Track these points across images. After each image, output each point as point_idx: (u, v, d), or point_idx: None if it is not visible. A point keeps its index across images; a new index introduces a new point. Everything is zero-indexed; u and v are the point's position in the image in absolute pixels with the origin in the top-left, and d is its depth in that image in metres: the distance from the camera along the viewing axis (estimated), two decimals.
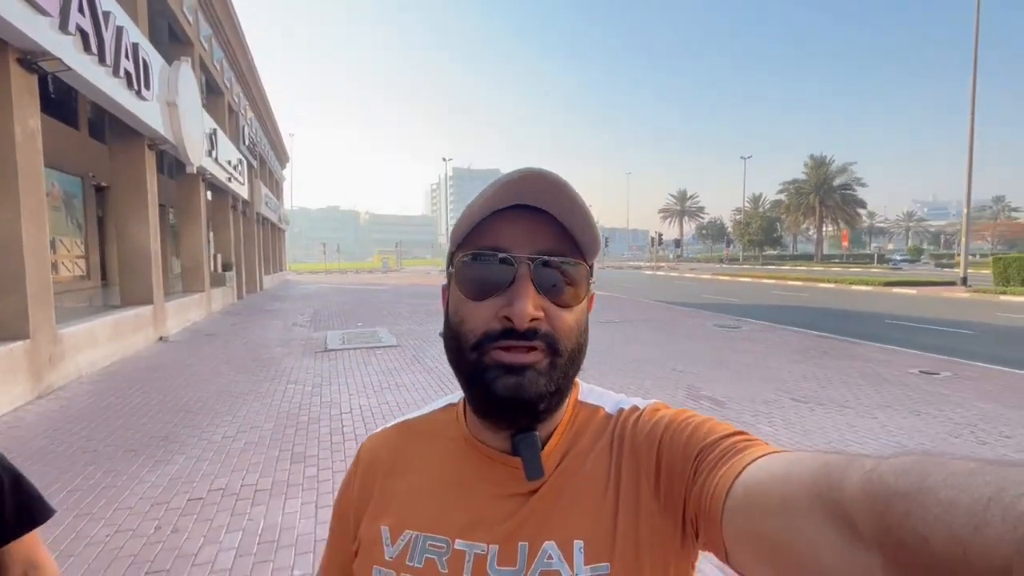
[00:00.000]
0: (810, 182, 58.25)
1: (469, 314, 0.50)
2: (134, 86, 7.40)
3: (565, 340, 0.50)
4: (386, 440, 0.62)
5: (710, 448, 0.46)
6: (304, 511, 3.08)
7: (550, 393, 0.49)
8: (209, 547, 2.68)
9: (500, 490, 0.52)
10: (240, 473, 3.60)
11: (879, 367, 7.08)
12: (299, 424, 4.66)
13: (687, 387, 5.97)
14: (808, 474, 0.35)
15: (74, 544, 2.68)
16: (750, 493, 0.39)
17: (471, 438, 0.56)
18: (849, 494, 0.31)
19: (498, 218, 0.50)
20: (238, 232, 17.43)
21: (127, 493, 3.27)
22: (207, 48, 13.54)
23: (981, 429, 4.56)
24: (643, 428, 0.53)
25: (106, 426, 4.57)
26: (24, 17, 4.86)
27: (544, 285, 0.49)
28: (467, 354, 0.50)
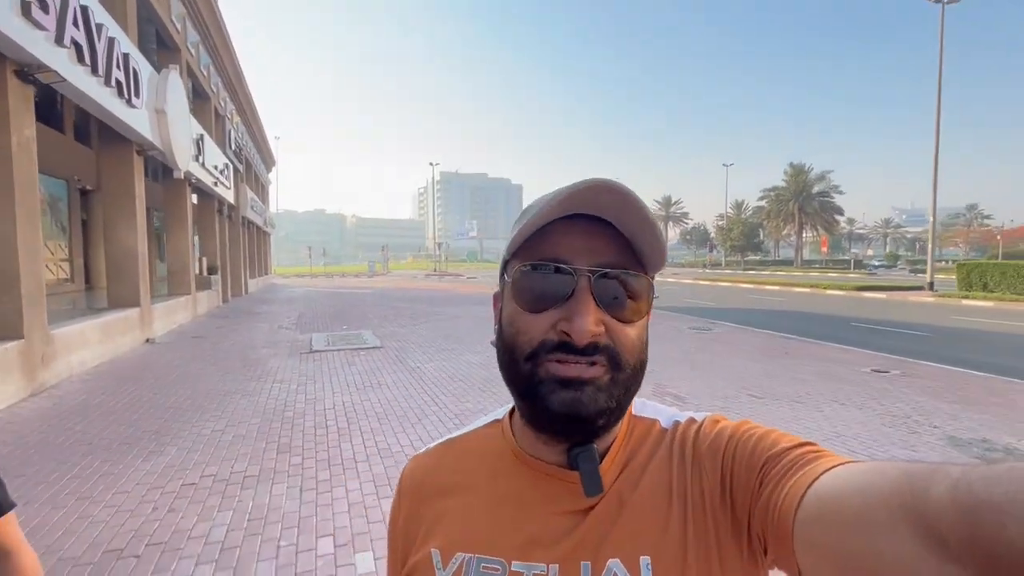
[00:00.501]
0: (789, 189, 59.78)
1: (525, 326, 0.49)
2: (124, 95, 7.62)
3: (627, 355, 0.48)
4: (430, 461, 0.61)
5: (776, 459, 0.44)
6: (289, 494, 3.38)
7: (610, 409, 0.47)
8: (203, 524, 2.97)
9: (556, 507, 0.50)
10: (229, 462, 3.88)
11: (835, 366, 7.55)
12: (284, 419, 4.94)
13: (654, 384, 6.35)
14: (888, 485, 0.32)
15: (78, 523, 2.95)
16: (824, 506, 0.37)
17: (522, 453, 0.54)
18: (936, 505, 0.29)
19: (558, 228, 0.49)
20: (223, 236, 17.54)
21: (124, 479, 3.54)
22: (194, 54, 13.72)
23: (914, 420, 5.00)
24: (704, 440, 0.51)
25: (100, 421, 4.81)
26: (22, 32, 5.10)
27: (605, 299, 0.47)
28: (521, 365, 0.48)
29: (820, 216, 57.89)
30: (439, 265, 50.93)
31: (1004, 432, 4.64)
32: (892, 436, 4.56)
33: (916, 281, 26.45)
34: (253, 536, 2.85)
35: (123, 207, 8.76)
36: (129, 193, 8.80)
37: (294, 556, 2.66)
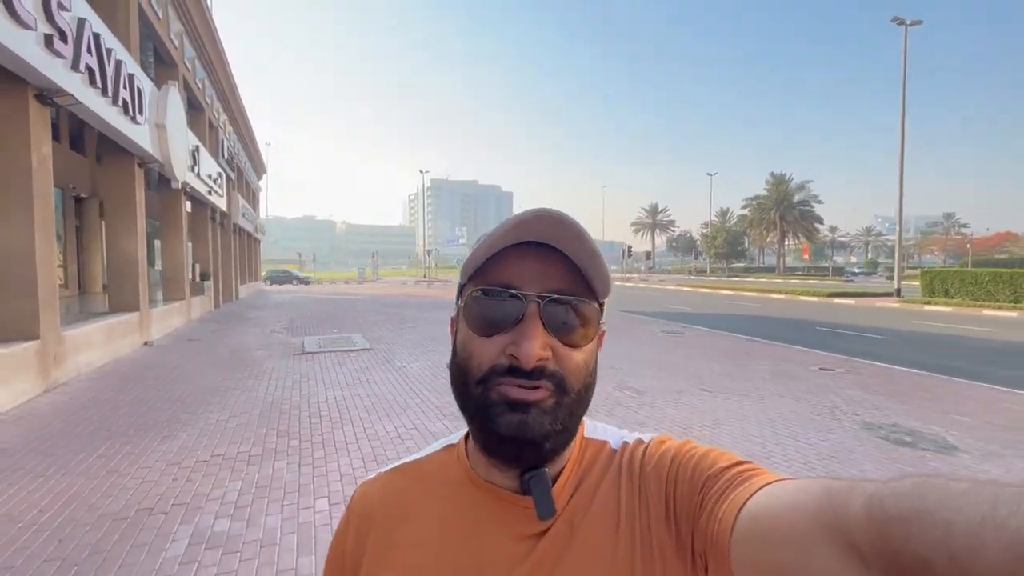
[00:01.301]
0: (771, 198, 61.36)
1: (476, 349, 0.50)
2: (130, 112, 8.15)
3: (573, 379, 0.49)
4: (381, 486, 0.60)
5: (715, 478, 0.46)
6: (289, 468, 3.94)
7: (556, 432, 0.48)
8: (217, 489, 3.53)
9: (510, 532, 0.51)
10: (235, 444, 4.43)
11: (788, 365, 8.25)
12: (282, 410, 5.49)
13: (618, 382, 6.97)
14: (812, 502, 0.34)
15: (112, 488, 3.50)
16: (756, 524, 0.38)
17: (477, 478, 0.54)
18: (853, 521, 0.31)
19: (510, 254, 0.50)
20: (216, 242, 17.95)
21: (144, 458, 4.08)
22: (190, 68, 14.24)
23: (840, 410, 5.68)
24: (649, 461, 0.52)
25: (114, 413, 5.32)
26: (43, 60, 5.65)
27: (553, 324, 0.48)
28: (472, 388, 0.49)
29: (801, 224, 59.51)
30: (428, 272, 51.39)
31: (913, 419, 5.33)
32: (817, 422, 5.23)
33: (887, 288, 27.48)
34: (260, 498, 3.41)
35: (124, 216, 9.25)
36: (130, 203, 9.30)
37: (296, 512, 3.23)
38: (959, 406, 5.84)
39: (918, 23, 20.81)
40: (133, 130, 8.51)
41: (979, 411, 5.64)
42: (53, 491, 3.47)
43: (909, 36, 20.81)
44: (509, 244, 0.50)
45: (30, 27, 5.22)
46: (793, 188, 60.55)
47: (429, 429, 4.87)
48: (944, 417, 5.41)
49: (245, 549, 2.80)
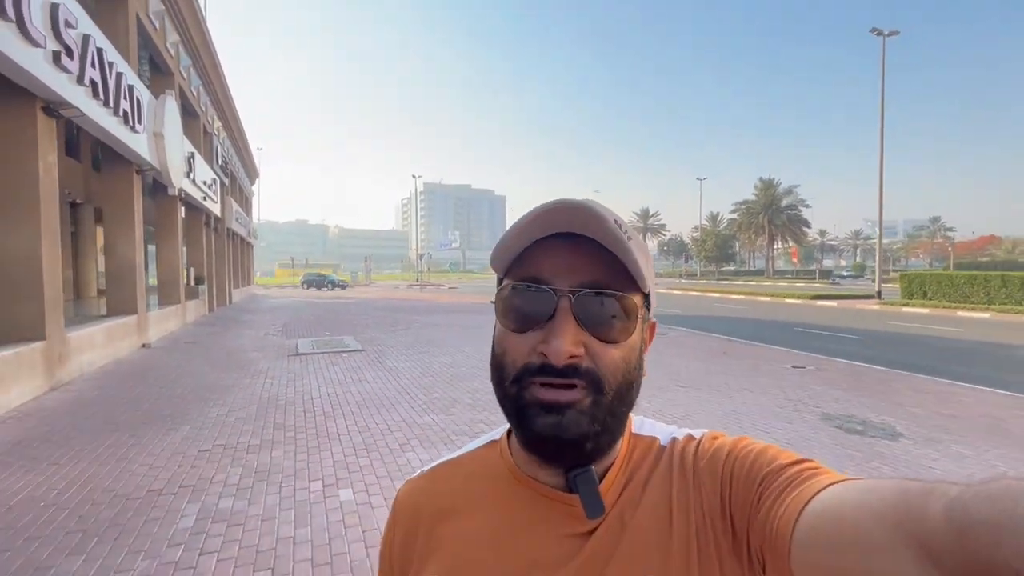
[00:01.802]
0: (759, 202, 62.33)
1: (510, 346, 0.49)
2: (129, 122, 8.46)
3: (610, 377, 0.47)
4: (426, 484, 0.59)
5: (775, 475, 0.44)
6: (286, 455, 4.26)
7: (595, 433, 0.47)
8: (220, 474, 3.85)
9: (558, 530, 0.49)
10: (235, 435, 4.75)
11: (762, 363, 8.66)
12: (278, 405, 5.80)
13: None
14: (885, 503, 0.33)
15: (123, 474, 3.81)
16: (821, 524, 0.37)
17: (522, 475, 0.53)
18: (931, 524, 0.29)
19: (542, 246, 0.48)
20: (210, 247, 18.19)
21: (151, 447, 4.39)
22: (186, 76, 14.53)
23: (802, 403, 6.08)
24: (703, 456, 0.50)
25: (118, 408, 5.61)
26: (50, 75, 5.96)
27: (587, 318, 0.47)
28: (508, 387, 0.49)
29: (788, 228, 60.46)
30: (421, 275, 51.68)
31: (869, 411, 5.74)
32: (779, 414, 5.62)
33: (871, 290, 28.12)
34: (260, 481, 3.74)
35: (123, 222, 9.53)
36: (128, 209, 9.58)
37: (293, 492, 3.57)
38: (914, 399, 6.26)
39: (895, 33, 21.48)
40: (132, 139, 8.81)
41: (932, 403, 6.06)
42: (68, 476, 3.77)
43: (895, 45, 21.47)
44: (539, 236, 0.48)
45: (40, 45, 5.54)
46: (781, 192, 61.60)
47: (417, 422, 5.21)
48: (898, 409, 5.82)
49: (248, 522, 3.13)
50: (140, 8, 10.27)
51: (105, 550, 2.79)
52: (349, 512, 3.27)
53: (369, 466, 4.04)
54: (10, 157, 5.97)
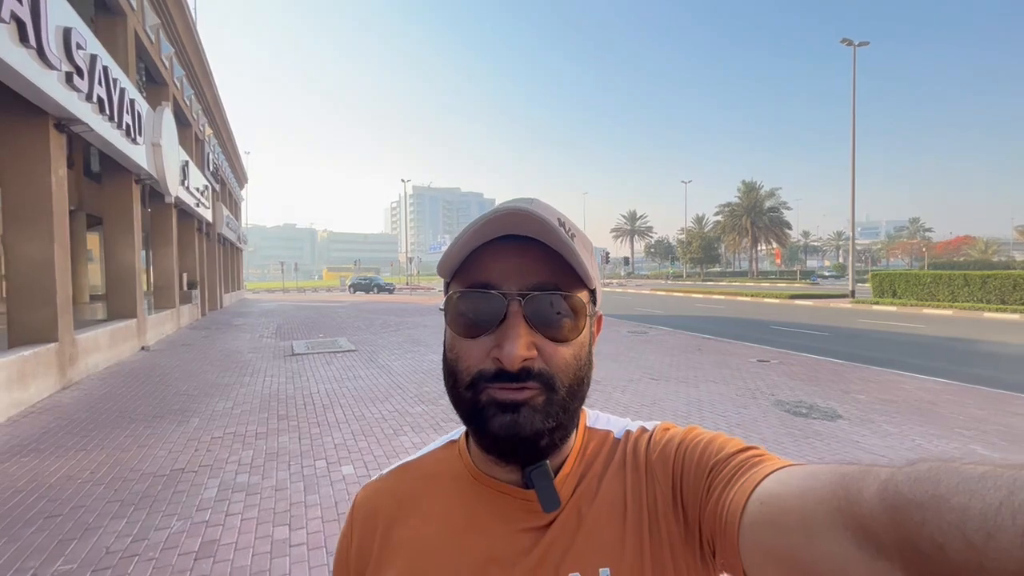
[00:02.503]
0: (742, 205, 63.61)
1: (463, 352, 0.49)
2: (131, 135, 8.87)
3: (562, 376, 0.48)
4: (383, 487, 0.59)
5: (723, 463, 0.46)
6: (291, 440, 4.75)
7: (549, 429, 0.48)
8: (233, 456, 4.34)
9: (514, 525, 0.51)
10: (243, 425, 5.22)
11: (731, 358, 9.28)
12: (279, 400, 6.28)
13: None
14: (825, 487, 0.34)
15: (146, 457, 4.28)
16: (766, 509, 0.38)
17: (479, 473, 0.54)
18: (867, 506, 0.31)
19: (488, 251, 0.49)
20: (202, 253, 18.49)
21: (167, 436, 4.85)
22: (179, 87, 14.90)
23: (760, 392, 6.68)
24: (655, 448, 0.52)
25: (130, 404, 6.05)
26: (63, 94, 6.38)
27: (538, 320, 0.47)
28: (462, 392, 0.49)
29: (771, 230, 61.79)
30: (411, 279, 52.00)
31: (817, 397, 6.36)
32: (736, 401, 6.22)
33: (846, 289, 29.10)
34: (270, 461, 4.23)
35: (123, 230, 9.91)
36: (128, 217, 9.97)
37: (300, 468, 4.06)
38: (860, 387, 6.90)
39: (865, 44, 22.43)
40: (133, 150, 9.21)
41: (876, 391, 6.70)
42: (97, 460, 4.23)
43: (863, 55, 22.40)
44: (485, 241, 0.48)
45: (55, 68, 5.98)
46: (763, 195, 62.95)
47: (409, 411, 5.72)
48: (844, 396, 6.45)
49: (264, 492, 3.63)
50: (137, 24, 10.68)
51: (142, 515, 3.28)
52: (351, 483, 3.78)
53: (367, 448, 4.55)
54: (25, 171, 6.39)
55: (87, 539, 2.97)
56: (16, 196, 6.36)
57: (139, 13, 10.81)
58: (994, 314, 16.24)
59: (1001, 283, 17.42)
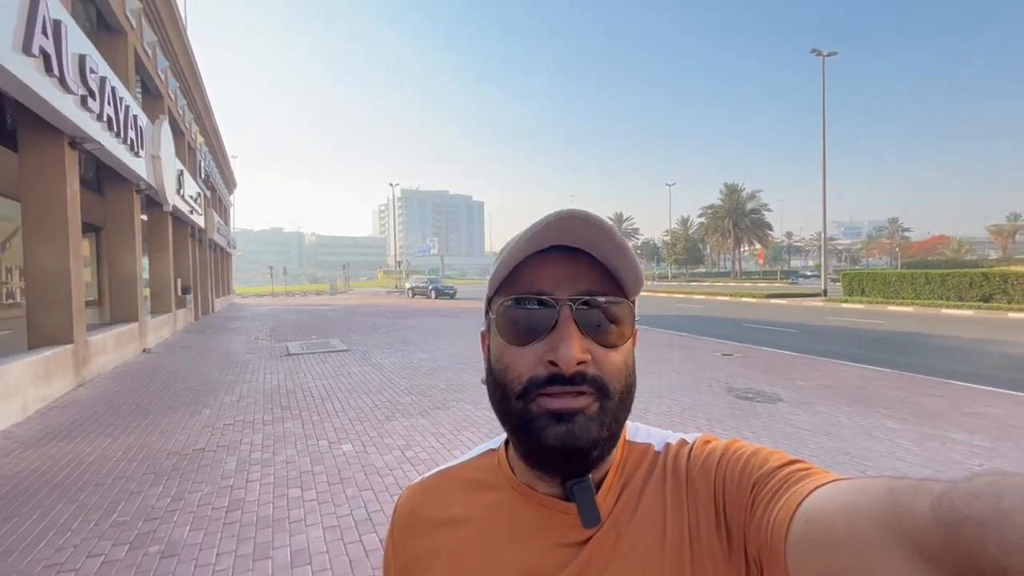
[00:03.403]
0: (725, 207, 65.12)
1: (513, 360, 0.49)
2: (134, 148, 9.41)
3: (614, 382, 0.49)
4: (424, 492, 0.61)
5: (766, 478, 0.45)
6: (295, 427, 5.38)
7: (603, 439, 0.48)
8: (246, 439, 4.96)
9: (554, 539, 0.50)
10: (250, 414, 5.84)
11: (698, 352, 10.05)
12: (280, 393, 6.89)
13: None
14: (873, 502, 0.33)
15: (169, 440, 4.89)
16: (812, 526, 0.37)
17: (519, 484, 0.54)
18: (920, 523, 0.29)
19: (536, 261, 0.50)
20: (195, 258, 18.93)
21: (183, 424, 5.46)
22: (173, 98, 15.39)
23: (716, 380, 7.43)
24: (695, 462, 0.51)
25: (143, 399, 6.63)
26: (78, 115, 6.95)
27: (588, 326, 0.48)
28: (512, 403, 0.49)
29: (753, 231, 63.34)
30: (400, 282, 52.47)
31: (765, 384, 7.12)
32: (692, 388, 6.96)
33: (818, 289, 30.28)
34: (279, 442, 4.87)
35: (125, 238, 10.44)
36: (130, 226, 10.49)
37: (306, 446, 4.71)
38: (806, 375, 7.68)
39: (833, 54, 23.52)
40: (135, 163, 9.75)
41: (819, 378, 7.49)
42: (126, 443, 4.84)
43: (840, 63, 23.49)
44: (533, 251, 0.50)
45: (73, 92, 6.55)
46: (745, 197, 64.50)
47: (399, 401, 6.37)
48: (788, 383, 7.22)
49: (276, 464, 4.27)
50: (136, 41, 11.22)
51: (175, 483, 3.90)
52: (351, 457, 4.44)
53: (363, 430, 5.20)
54: (43, 186, 6.94)
55: (133, 500, 3.60)
56: (35, 209, 6.92)
57: (138, 31, 11.35)
58: (951, 310, 17.30)
59: (959, 281, 18.50)
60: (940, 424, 5.24)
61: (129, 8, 10.63)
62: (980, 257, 71.69)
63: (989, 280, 17.56)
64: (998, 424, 5.21)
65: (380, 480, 3.92)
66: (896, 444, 4.68)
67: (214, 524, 3.24)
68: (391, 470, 4.12)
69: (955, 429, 5.07)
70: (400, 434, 5.06)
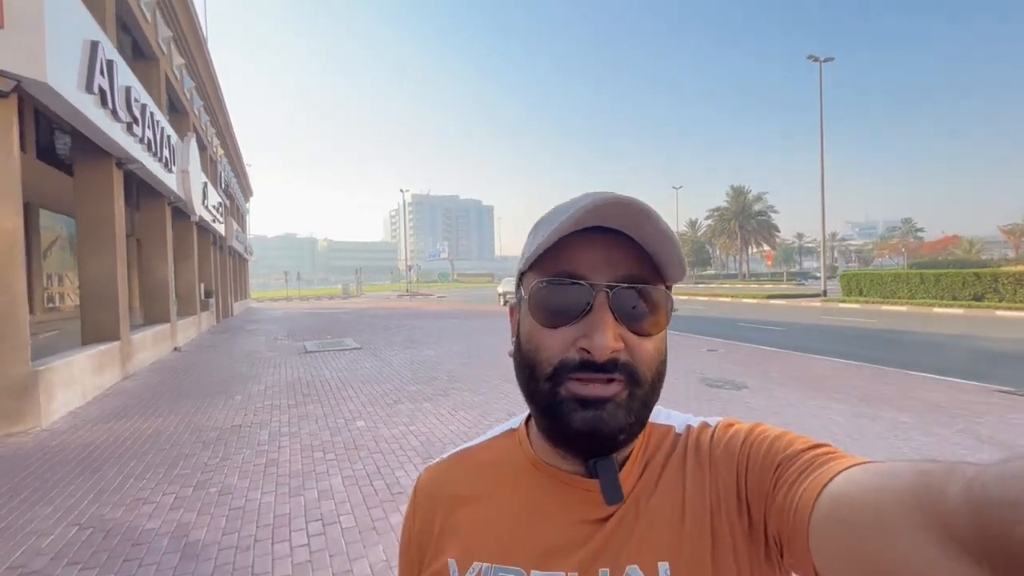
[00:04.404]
0: (731, 209, 65.40)
1: (544, 342, 0.49)
2: (167, 165, 10.42)
3: (646, 370, 0.49)
4: (445, 471, 0.62)
5: (791, 460, 0.45)
6: (316, 409, 6.24)
7: (629, 425, 0.48)
8: (275, 418, 5.83)
9: (575, 516, 0.51)
10: (276, 399, 6.72)
11: (686, 349, 10.75)
12: (301, 383, 7.77)
13: None
14: (903, 485, 0.33)
15: (210, 419, 5.78)
16: (839, 507, 0.37)
17: (541, 463, 0.55)
18: (951, 505, 0.29)
19: (575, 241, 0.49)
20: (216, 264, 20.03)
21: (220, 407, 6.35)
22: (197, 115, 16.49)
23: (693, 372, 8.16)
24: (718, 444, 0.52)
25: (182, 388, 7.55)
26: (124, 139, 7.92)
27: (623, 313, 0.48)
28: (541, 384, 0.49)
29: (759, 233, 63.53)
30: (410, 286, 53.57)
31: (737, 375, 7.84)
32: (668, 378, 7.65)
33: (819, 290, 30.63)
34: (303, 420, 5.72)
35: (158, 247, 11.46)
36: (163, 236, 11.51)
37: (326, 423, 5.56)
38: (777, 368, 8.38)
39: (830, 60, 24.05)
40: (168, 178, 10.75)
41: (788, 370, 8.19)
42: (174, 421, 5.73)
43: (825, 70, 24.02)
44: (579, 228, 0.48)
45: (122, 120, 7.52)
46: (752, 199, 64.74)
47: (406, 389, 7.20)
48: (760, 374, 7.93)
49: (302, 435, 5.13)
50: (167, 66, 12.27)
51: (220, 449, 4.77)
52: (364, 430, 5.28)
53: (374, 411, 6.04)
54: (94, 203, 7.92)
55: (189, 460, 4.47)
56: (88, 223, 7.90)
57: (168, 56, 12.40)
58: (942, 309, 17.75)
59: (952, 281, 18.93)
60: (879, 406, 5.94)
61: (161, 37, 11.68)
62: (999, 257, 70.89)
63: (981, 279, 17.98)
64: (929, 405, 5.91)
65: (388, 446, 4.75)
66: (831, 420, 5.41)
67: (256, 474, 4.10)
68: (397, 440, 4.95)
69: (889, 409, 5.77)
70: (406, 414, 5.89)
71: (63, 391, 6.05)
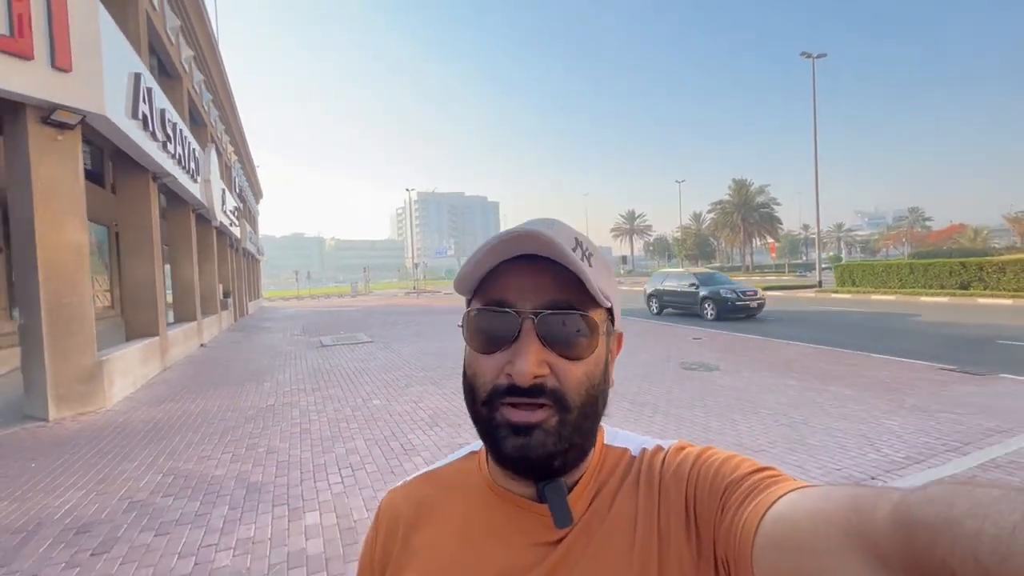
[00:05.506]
0: (733, 202, 65.77)
1: (479, 368, 0.51)
2: (193, 176, 11.37)
3: (574, 395, 0.49)
4: (407, 493, 0.63)
5: (737, 484, 0.47)
6: (337, 392, 7.14)
7: (562, 451, 0.49)
8: (303, 399, 6.74)
9: (528, 538, 0.52)
10: (302, 385, 7.64)
11: (674, 338, 11.56)
12: (321, 372, 8.70)
13: None
14: (837, 508, 0.35)
15: (246, 401, 6.70)
16: (780, 531, 0.39)
17: (495, 486, 0.56)
18: (878, 527, 0.31)
19: (504, 270, 0.51)
20: (232, 265, 21.06)
21: (253, 392, 7.28)
22: (215, 125, 17.46)
23: (673, 357, 8.98)
24: (669, 468, 0.53)
25: (217, 377, 8.50)
26: (160, 156, 8.85)
27: (550, 338, 0.49)
28: (479, 408, 0.51)
29: (762, 225, 63.88)
30: (417, 284, 54.59)
31: (713, 360, 8.65)
32: (651, 363, 8.52)
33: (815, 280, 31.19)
34: (327, 400, 6.64)
35: (184, 251, 12.44)
36: (188, 241, 12.48)
37: (346, 402, 6.47)
38: (753, 353, 9.18)
39: (823, 55, 24.58)
40: (193, 187, 11.70)
41: (761, 355, 8.98)
42: (216, 403, 6.66)
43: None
44: (499, 260, 0.50)
45: (158, 140, 8.45)
46: (754, 192, 65.07)
47: (415, 376, 8.10)
48: (735, 358, 8.74)
49: (327, 411, 6.04)
50: (189, 83, 13.21)
51: (260, 422, 5.69)
52: (380, 408, 6.18)
53: (388, 392, 6.95)
54: (135, 214, 8.88)
55: (236, 430, 5.39)
56: (130, 231, 8.85)
57: (190, 75, 13.34)
58: (929, 298, 18.39)
59: (939, 270, 19.52)
60: (829, 382, 6.75)
61: (184, 57, 12.62)
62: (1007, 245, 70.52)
63: (967, 268, 18.57)
64: (874, 382, 6.70)
65: (400, 418, 5.65)
66: (783, 394, 6.23)
67: (294, 439, 5.01)
68: (408, 414, 5.84)
69: (837, 385, 6.58)
70: (415, 395, 6.79)
71: (120, 378, 7.01)
